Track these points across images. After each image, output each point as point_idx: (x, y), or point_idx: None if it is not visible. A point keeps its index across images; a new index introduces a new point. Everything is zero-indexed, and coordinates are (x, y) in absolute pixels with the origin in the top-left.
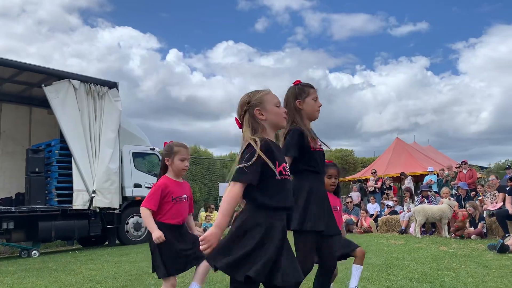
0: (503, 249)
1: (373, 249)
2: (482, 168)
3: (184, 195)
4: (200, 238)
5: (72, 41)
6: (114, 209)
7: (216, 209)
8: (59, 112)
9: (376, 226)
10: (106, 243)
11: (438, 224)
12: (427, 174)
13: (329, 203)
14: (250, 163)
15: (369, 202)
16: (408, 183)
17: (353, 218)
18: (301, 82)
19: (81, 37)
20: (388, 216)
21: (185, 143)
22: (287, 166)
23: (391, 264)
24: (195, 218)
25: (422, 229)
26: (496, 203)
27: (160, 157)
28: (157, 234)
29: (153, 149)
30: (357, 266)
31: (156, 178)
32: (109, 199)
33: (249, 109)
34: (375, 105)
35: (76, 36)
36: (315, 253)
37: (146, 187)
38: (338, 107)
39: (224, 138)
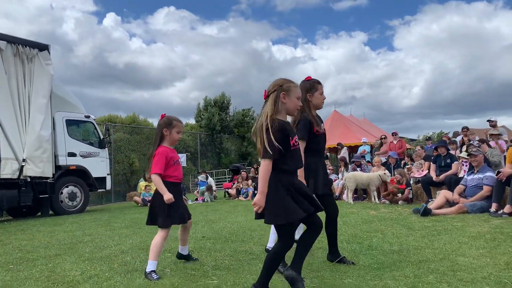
0: (426, 212)
1: None
2: (412, 140)
3: (179, 159)
4: (252, 203)
5: None
6: (47, 178)
7: None
8: None
9: None
10: (39, 214)
11: (369, 191)
12: (362, 145)
13: (326, 170)
14: (272, 143)
15: None
16: (344, 153)
17: None
18: (312, 79)
19: None
20: None
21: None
22: (297, 138)
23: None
24: (135, 188)
25: (355, 195)
26: (422, 171)
27: (96, 125)
28: (168, 196)
29: (88, 117)
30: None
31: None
32: (41, 168)
33: (278, 90)
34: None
35: None
36: None
37: (81, 156)
38: None
39: (165, 108)
